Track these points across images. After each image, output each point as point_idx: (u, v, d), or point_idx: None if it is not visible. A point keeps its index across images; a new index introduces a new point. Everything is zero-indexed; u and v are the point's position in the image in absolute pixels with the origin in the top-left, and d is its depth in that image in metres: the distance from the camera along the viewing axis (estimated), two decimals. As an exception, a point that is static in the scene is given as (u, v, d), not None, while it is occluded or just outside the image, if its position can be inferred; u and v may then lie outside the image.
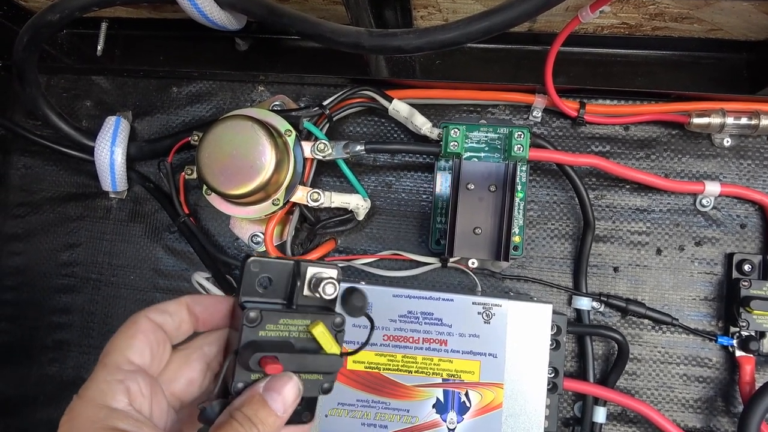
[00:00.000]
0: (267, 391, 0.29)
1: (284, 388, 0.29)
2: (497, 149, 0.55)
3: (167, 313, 0.31)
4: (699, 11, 0.52)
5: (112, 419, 0.26)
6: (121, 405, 0.27)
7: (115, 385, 0.27)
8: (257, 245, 0.56)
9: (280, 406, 0.29)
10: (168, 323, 0.30)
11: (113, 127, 0.59)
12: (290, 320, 0.31)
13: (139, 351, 0.29)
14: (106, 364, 0.28)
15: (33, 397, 0.64)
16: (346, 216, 0.58)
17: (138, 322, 0.30)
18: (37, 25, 0.49)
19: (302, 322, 0.32)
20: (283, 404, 0.29)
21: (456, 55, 0.61)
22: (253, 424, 0.28)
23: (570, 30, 0.49)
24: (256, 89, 0.63)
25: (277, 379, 0.30)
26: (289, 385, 0.30)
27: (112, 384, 0.27)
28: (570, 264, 0.57)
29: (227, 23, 0.52)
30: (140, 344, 0.29)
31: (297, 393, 0.30)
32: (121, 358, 0.28)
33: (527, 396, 0.48)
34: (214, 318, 0.32)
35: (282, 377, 0.30)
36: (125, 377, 0.28)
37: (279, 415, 0.29)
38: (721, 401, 0.55)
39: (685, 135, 0.58)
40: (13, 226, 0.66)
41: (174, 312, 0.31)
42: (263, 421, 0.28)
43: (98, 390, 0.27)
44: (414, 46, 0.42)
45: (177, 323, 0.31)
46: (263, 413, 0.28)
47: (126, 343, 0.29)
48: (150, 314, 0.30)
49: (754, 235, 0.56)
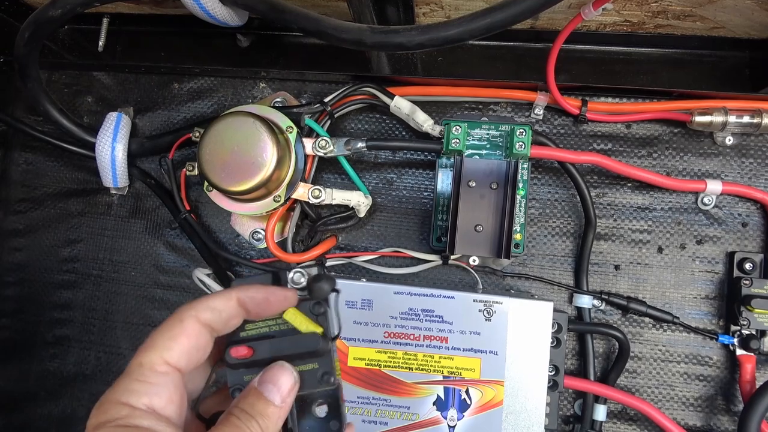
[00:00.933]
0: (261, 383, 0.29)
1: (278, 377, 0.29)
2: (499, 147, 0.55)
3: (216, 310, 0.29)
4: (701, 9, 0.52)
5: (132, 418, 0.26)
6: (143, 406, 0.26)
7: (146, 387, 0.27)
8: (258, 242, 0.56)
9: (277, 396, 0.29)
10: (216, 321, 0.29)
11: (114, 123, 0.59)
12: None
13: (177, 354, 0.28)
14: (141, 363, 0.27)
15: (34, 393, 0.64)
16: (347, 213, 0.58)
17: (184, 321, 0.28)
18: (38, 21, 0.49)
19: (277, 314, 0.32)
20: (279, 393, 0.29)
21: (458, 52, 0.61)
22: (251, 417, 0.27)
23: (572, 27, 0.49)
24: (257, 86, 0.63)
25: (270, 370, 0.29)
26: (283, 372, 0.29)
27: (143, 385, 0.27)
28: (571, 262, 0.57)
29: (229, 19, 0.51)
30: (181, 348, 0.28)
31: (292, 380, 0.29)
32: (157, 359, 0.27)
33: (528, 393, 0.48)
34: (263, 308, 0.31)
35: (274, 367, 0.29)
36: (159, 380, 0.27)
37: (277, 404, 0.28)
38: (722, 400, 0.55)
39: (687, 133, 0.58)
40: (14, 222, 0.66)
41: (223, 308, 0.30)
42: (261, 412, 0.28)
43: (126, 388, 0.27)
44: (416, 43, 0.42)
45: (225, 319, 0.30)
46: (260, 405, 0.28)
47: (166, 344, 0.28)
48: (200, 314, 0.29)
49: (755, 233, 0.56)
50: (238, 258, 0.59)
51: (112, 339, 0.63)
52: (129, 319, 0.63)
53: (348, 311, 0.49)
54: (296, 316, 0.31)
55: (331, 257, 0.58)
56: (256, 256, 0.60)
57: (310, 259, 0.56)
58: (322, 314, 0.32)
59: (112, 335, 0.63)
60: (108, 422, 0.25)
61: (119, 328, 0.63)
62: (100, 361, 0.63)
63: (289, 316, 0.31)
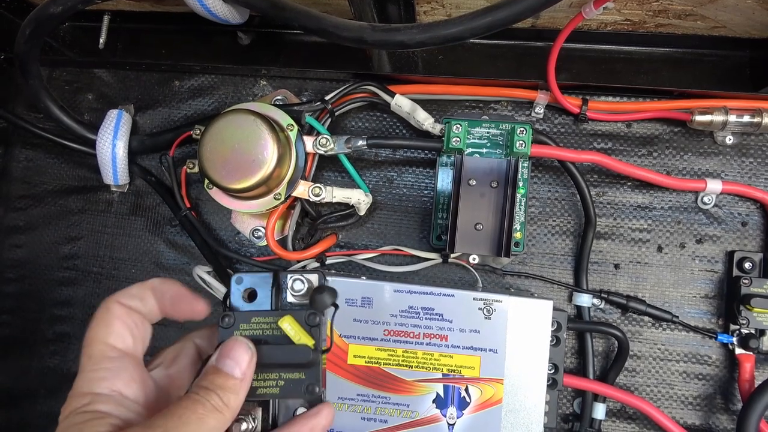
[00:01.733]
0: (219, 359, 0.29)
1: (233, 350, 0.29)
2: (499, 145, 0.55)
3: (135, 296, 0.31)
4: (702, 8, 0.52)
5: (95, 404, 0.27)
6: (106, 390, 0.27)
7: (103, 373, 0.28)
8: (258, 240, 0.56)
9: (236, 369, 0.29)
10: (138, 306, 0.30)
11: (115, 120, 0.59)
12: (262, 318, 0.32)
13: (120, 336, 0.29)
14: (90, 355, 0.28)
15: (34, 390, 0.64)
16: (347, 211, 0.58)
17: (110, 308, 0.29)
18: (39, 18, 0.49)
19: (273, 318, 0.32)
20: (238, 365, 0.29)
21: (459, 51, 0.61)
22: (210, 391, 0.27)
23: (573, 26, 0.49)
24: (258, 83, 0.63)
25: (226, 346, 0.30)
26: (239, 346, 0.29)
27: (99, 372, 0.28)
28: (571, 261, 0.58)
29: (230, 17, 0.51)
30: (119, 329, 0.29)
31: (249, 352, 0.30)
32: (104, 347, 0.28)
33: (527, 392, 0.48)
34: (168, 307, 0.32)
35: (229, 342, 0.30)
36: (113, 365, 0.28)
37: (236, 376, 0.29)
38: (721, 399, 0.55)
39: (687, 132, 0.58)
40: (14, 219, 0.66)
41: (141, 295, 0.31)
42: (221, 386, 0.28)
43: (86, 380, 0.28)
44: (417, 41, 0.42)
45: (147, 306, 0.31)
46: (219, 380, 0.28)
47: (105, 331, 0.29)
48: (120, 299, 0.30)
49: (755, 233, 0.56)
50: (238, 255, 0.59)
51: (113, 336, 0.63)
52: (129, 317, 0.63)
53: (348, 309, 0.49)
54: (291, 326, 0.32)
55: (331, 255, 0.58)
56: (257, 254, 0.60)
57: (311, 256, 0.56)
58: (317, 326, 0.32)
59: (112, 332, 0.63)
60: (72, 411, 0.27)
61: (119, 325, 0.63)
62: (100, 358, 0.63)
63: (284, 324, 0.32)
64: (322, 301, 0.32)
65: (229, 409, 0.28)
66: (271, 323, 0.32)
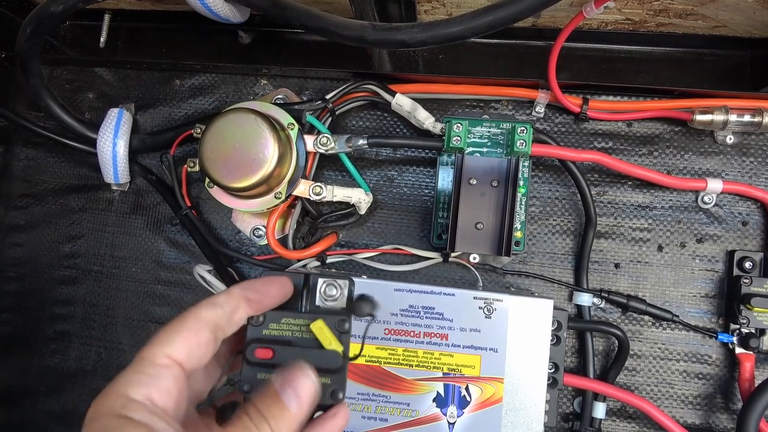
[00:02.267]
0: (282, 386, 0.28)
1: (299, 382, 0.28)
2: (500, 144, 0.55)
3: (218, 305, 0.30)
4: (703, 8, 0.52)
5: (128, 409, 0.26)
6: (140, 397, 0.27)
7: (143, 378, 0.27)
8: (259, 238, 0.56)
9: (294, 402, 0.28)
10: (219, 317, 0.30)
11: (116, 119, 0.59)
12: (292, 320, 0.32)
13: (177, 347, 0.28)
14: (143, 356, 0.28)
15: (34, 388, 0.64)
16: (347, 210, 0.58)
17: (186, 318, 0.29)
18: (40, 16, 0.49)
19: (304, 321, 0.32)
20: (297, 400, 0.28)
21: (459, 50, 0.61)
22: (263, 419, 0.27)
23: (574, 26, 0.49)
24: (258, 82, 0.63)
25: (293, 373, 0.28)
26: (305, 379, 0.28)
27: (141, 376, 0.27)
28: (571, 260, 0.58)
29: (230, 16, 0.51)
30: (180, 341, 0.28)
31: (314, 389, 0.29)
32: (158, 352, 0.28)
33: (527, 391, 0.48)
34: (266, 299, 0.32)
35: (296, 372, 0.29)
36: (157, 372, 0.27)
37: (293, 411, 0.28)
38: (721, 398, 0.56)
39: (687, 132, 0.58)
40: (15, 217, 0.66)
41: (224, 303, 0.30)
42: (275, 416, 0.27)
43: (126, 379, 0.27)
44: (418, 40, 0.42)
45: (228, 314, 0.30)
46: (276, 408, 0.27)
47: (168, 338, 0.28)
48: (200, 311, 0.29)
49: (755, 232, 0.56)
50: (238, 254, 0.59)
51: (113, 335, 0.63)
52: (130, 315, 0.63)
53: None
54: (322, 331, 0.31)
55: (332, 254, 0.58)
56: (257, 253, 0.60)
57: (311, 255, 0.57)
58: (346, 333, 0.32)
59: (112, 331, 0.63)
60: (104, 412, 0.26)
61: (120, 323, 0.63)
62: (100, 357, 0.63)
63: (315, 328, 0.31)
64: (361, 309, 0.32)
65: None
66: (301, 326, 0.32)
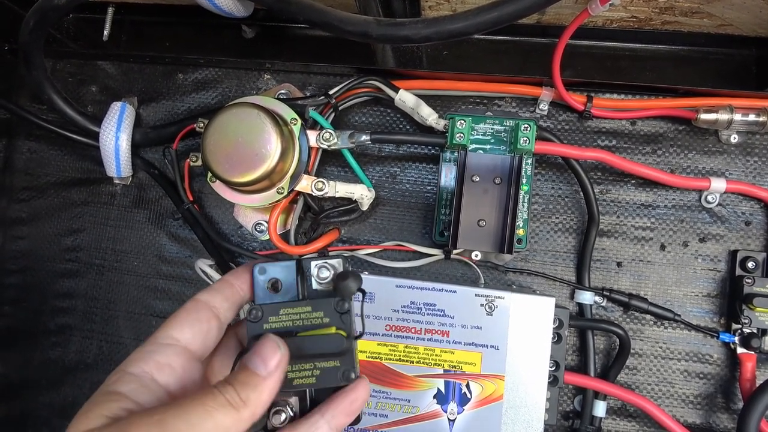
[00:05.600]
0: (248, 355, 0.29)
1: (262, 347, 0.29)
2: (503, 141, 0.55)
3: (214, 290, 0.32)
4: (709, 6, 0.51)
5: (119, 383, 0.27)
6: (137, 371, 0.28)
7: (143, 354, 0.28)
8: (261, 233, 0.56)
9: (261, 366, 0.28)
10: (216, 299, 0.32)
11: (118, 112, 0.59)
12: (290, 309, 0.32)
13: (179, 328, 0.30)
14: (147, 340, 0.29)
15: (35, 381, 0.64)
16: (350, 206, 0.58)
17: (186, 303, 0.31)
18: (43, 9, 0.49)
19: (302, 309, 0.32)
20: (263, 363, 0.28)
21: (463, 47, 0.61)
22: (228, 386, 0.27)
23: (579, 23, 0.49)
24: (262, 77, 0.63)
25: (257, 343, 0.29)
26: (266, 343, 0.29)
27: (142, 353, 0.28)
28: (573, 258, 0.57)
29: (234, 10, 0.51)
30: (181, 321, 0.30)
31: (277, 350, 0.29)
32: (164, 334, 0.30)
33: (528, 388, 0.48)
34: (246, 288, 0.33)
35: (263, 339, 0.29)
36: (157, 348, 0.29)
37: (260, 374, 0.28)
38: (722, 398, 0.55)
39: (692, 131, 0.57)
40: (17, 210, 0.66)
41: (220, 288, 0.32)
42: (242, 381, 0.27)
43: (129, 359, 0.28)
44: (422, 36, 0.42)
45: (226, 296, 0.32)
46: (241, 375, 0.28)
47: (171, 323, 0.30)
48: (198, 295, 0.31)
49: (758, 232, 0.56)
50: (240, 249, 0.59)
51: (114, 328, 0.63)
52: (131, 309, 0.63)
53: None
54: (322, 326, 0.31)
55: (334, 250, 0.58)
56: (259, 248, 0.60)
57: (313, 251, 0.56)
58: (346, 312, 0.32)
59: (113, 324, 0.63)
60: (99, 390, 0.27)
61: (121, 317, 0.63)
62: (101, 350, 0.63)
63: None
64: (347, 288, 0.32)
65: (246, 407, 0.27)
66: (300, 313, 0.32)
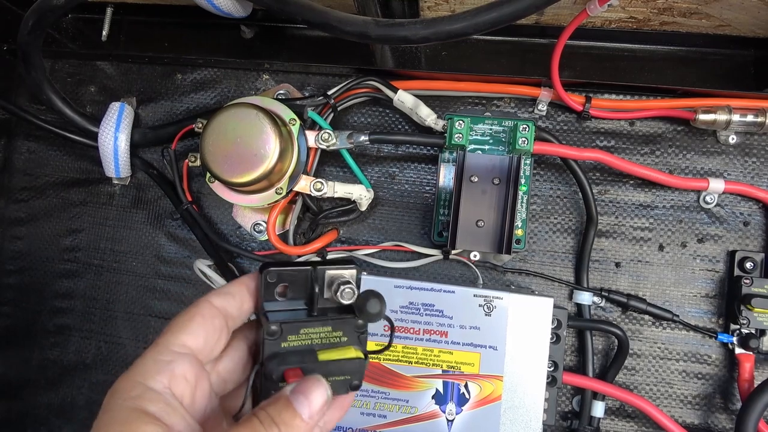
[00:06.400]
0: (294, 393, 0.28)
1: (312, 391, 0.28)
2: (502, 142, 0.55)
3: (229, 294, 0.30)
4: (707, 6, 0.51)
5: (144, 400, 0.26)
6: (159, 386, 0.27)
7: (160, 365, 0.27)
8: (260, 234, 0.56)
9: (306, 410, 0.28)
10: (230, 305, 0.30)
11: (117, 113, 0.59)
12: (311, 329, 0.31)
13: (193, 334, 0.29)
14: (158, 343, 0.28)
15: (34, 381, 0.64)
16: (348, 206, 0.58)
17: (198, 305, 0.29)
18: (42, 9, 0.49)
19: (323, 329, 0.31)
20: (309, 408, 0.28)
21: (462, 47, 0.61)
22: (275, 424, 0.26)
23: (577, 23, 0.49)
24: (260, 77, 0.63)
25: (306, 382, 0.28)
26: (318, 388, 0.28)
27: (157, 363, 0.27)
28: (572, 258, 0.57)
29: (233, 10, 0.51)
30: (196, 327, 0.29)
31: (325, 398, 0.28)
32: (173, 339, 0.28)
33: (526, 389, 0.48)
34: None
35: (310, 380, 0.28)
36: (173, 358, 0.28)
37: (304, 419, 0.27)
38: (720, 398, 0.56)
39: (690, 131, 0.57)
40: (16, 210, 0.66)
41: (236, 293, 0.31)
42: (287, 422, 0.27)
43: (143, 367, 0.27)
44: (421, 37, 0.42)
45: (239, 303, 0.31)
46: (287, 415, 0.27)
47: (182, 325, 0.29)
48: (212, 298, 0.30)
49: (756, 233, 0.56)
50: (239, 249, 0.59)
51: (113, 329, 0.63)
52: (130, 309, 0.63)
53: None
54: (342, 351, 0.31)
55: (332, 250, 0.58)
56: (258, 248, 0.60)
57: (312, 251, 0.56)
58: (364, 333, 0.31)
59: (112, 325, 0.63)
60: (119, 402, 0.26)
61: (120, 317, 0.63)
62: (100, 351, 0.63)
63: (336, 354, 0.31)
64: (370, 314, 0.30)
65: None
66: (319, 333, 0.31)
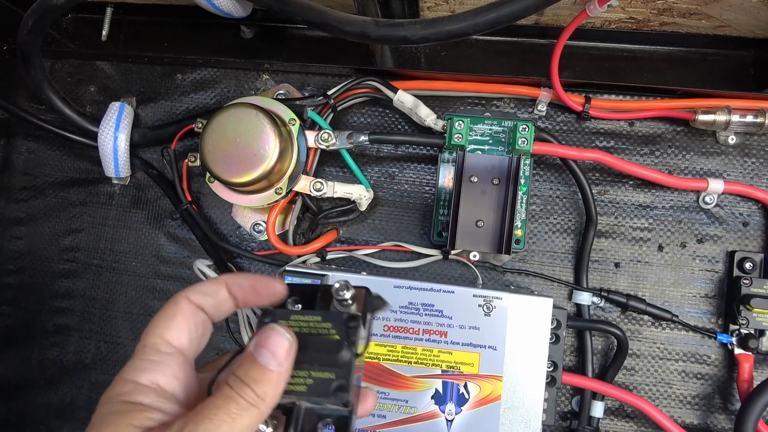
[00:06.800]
0: (256, 348, 0.27)
1: (269, 339, 0.28)
2: (501, 142, 0.55)
3: (207, 294, 0.30)
4: (707, 7, 0.51)
5: (136, 394, 0.26)
6: (147, 382, 0.27)
7: (149, 365, 0.28)
8: (259, 234, 0.56)
9: (272, 360, 0.27)
10: (208, 303, 0.30)
11: (117, 112, 0.59)
12: (301, 317, 0.31)
13: (177, 333, 0.29)
14: (145, 344, 0.28)
15: (33, 381, 0.64)
16: (348, 206, 0.58)
17: (178, 303, 0.29)
18: (42, 9, 0.49)
19: (312, 318, 0.31)
20: (274, 357, 0.27)
21: (462, 47, 0.61)
22: (245, 384, 0.26)
23: (577, 24, 0.49)
24: (260, 77, 0.63)
25: (262, 334, 0.28)
26: (276, 336, 0.28)
27: (146, 363, 0.28)
28: (571, 259, 0.58)
29: (233, 10, 0.51)
30: (179, 326, 0.29)
31: (287, 342, 0.28)
32: (159, 340, 0.28)
33: (526, 389, 0.48)
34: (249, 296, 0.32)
35: (266, 331, 0.28)
36: (162, 359, 0.28)
37: (273, 369, 0.27)
38: (719, 398, 0.56)
39: (690, 132, 0.58)
40: (15, 210, 0.66)
41: (213, 292, 0.31)
42: (256, 379, 0.27)
43: (132, 368, 0.28)
44: (420, 37, 0.42)
45: (218, 302, 0.31)
46: (255, 372, 0.27)
47: (165, 325, 0.29)
48: (190, 295, 0.30)
49: (756, 233, 0.56)
50: (238, 249, 0.59)
51: (112, 328, 0.63)
52: (129, 309, 0.63)
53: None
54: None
55: (332, 250, 0.58)
56: (257, 248, 0.60)
57: (311, 251, 0.57)
58: (353, 328, 0.31)
59: (112, 325, 0.63)
60: (114, 397, 0.26)
61: (119, 317, 0.63)
62: (99, 351, 0.63)
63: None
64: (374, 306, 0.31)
65: (264, 403, 0.26)
66: (309, 322, 0.31)
